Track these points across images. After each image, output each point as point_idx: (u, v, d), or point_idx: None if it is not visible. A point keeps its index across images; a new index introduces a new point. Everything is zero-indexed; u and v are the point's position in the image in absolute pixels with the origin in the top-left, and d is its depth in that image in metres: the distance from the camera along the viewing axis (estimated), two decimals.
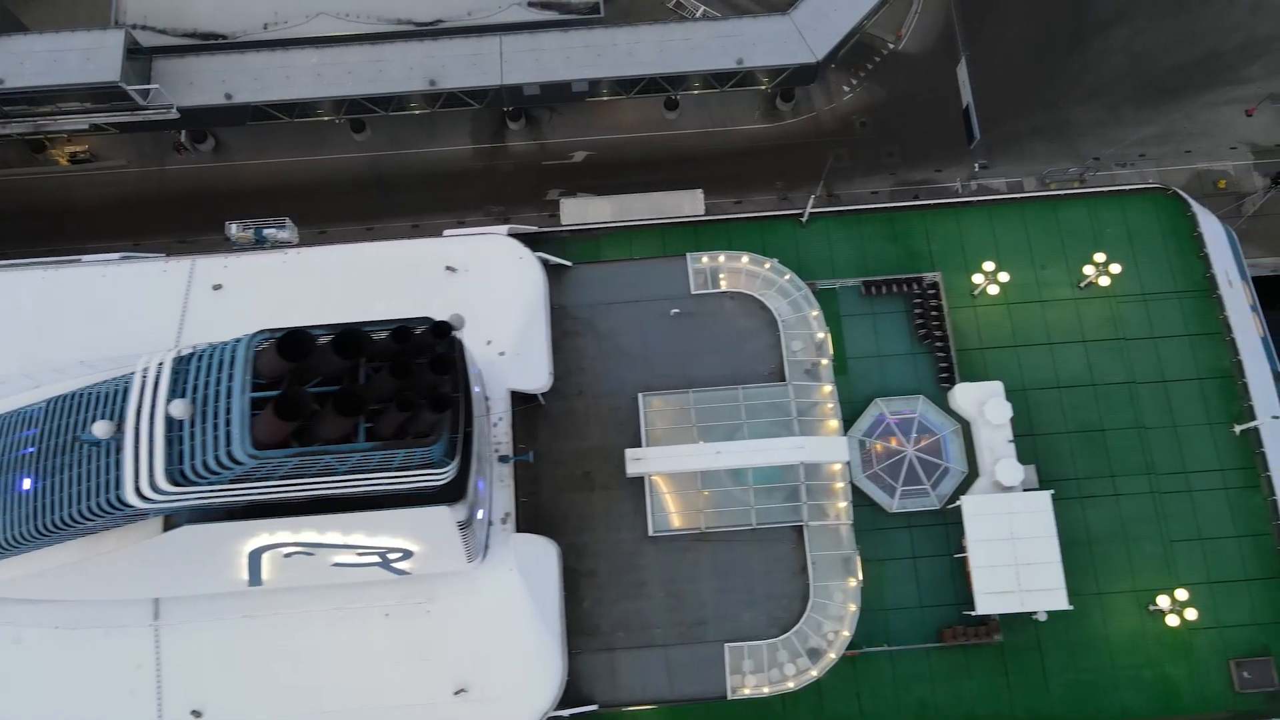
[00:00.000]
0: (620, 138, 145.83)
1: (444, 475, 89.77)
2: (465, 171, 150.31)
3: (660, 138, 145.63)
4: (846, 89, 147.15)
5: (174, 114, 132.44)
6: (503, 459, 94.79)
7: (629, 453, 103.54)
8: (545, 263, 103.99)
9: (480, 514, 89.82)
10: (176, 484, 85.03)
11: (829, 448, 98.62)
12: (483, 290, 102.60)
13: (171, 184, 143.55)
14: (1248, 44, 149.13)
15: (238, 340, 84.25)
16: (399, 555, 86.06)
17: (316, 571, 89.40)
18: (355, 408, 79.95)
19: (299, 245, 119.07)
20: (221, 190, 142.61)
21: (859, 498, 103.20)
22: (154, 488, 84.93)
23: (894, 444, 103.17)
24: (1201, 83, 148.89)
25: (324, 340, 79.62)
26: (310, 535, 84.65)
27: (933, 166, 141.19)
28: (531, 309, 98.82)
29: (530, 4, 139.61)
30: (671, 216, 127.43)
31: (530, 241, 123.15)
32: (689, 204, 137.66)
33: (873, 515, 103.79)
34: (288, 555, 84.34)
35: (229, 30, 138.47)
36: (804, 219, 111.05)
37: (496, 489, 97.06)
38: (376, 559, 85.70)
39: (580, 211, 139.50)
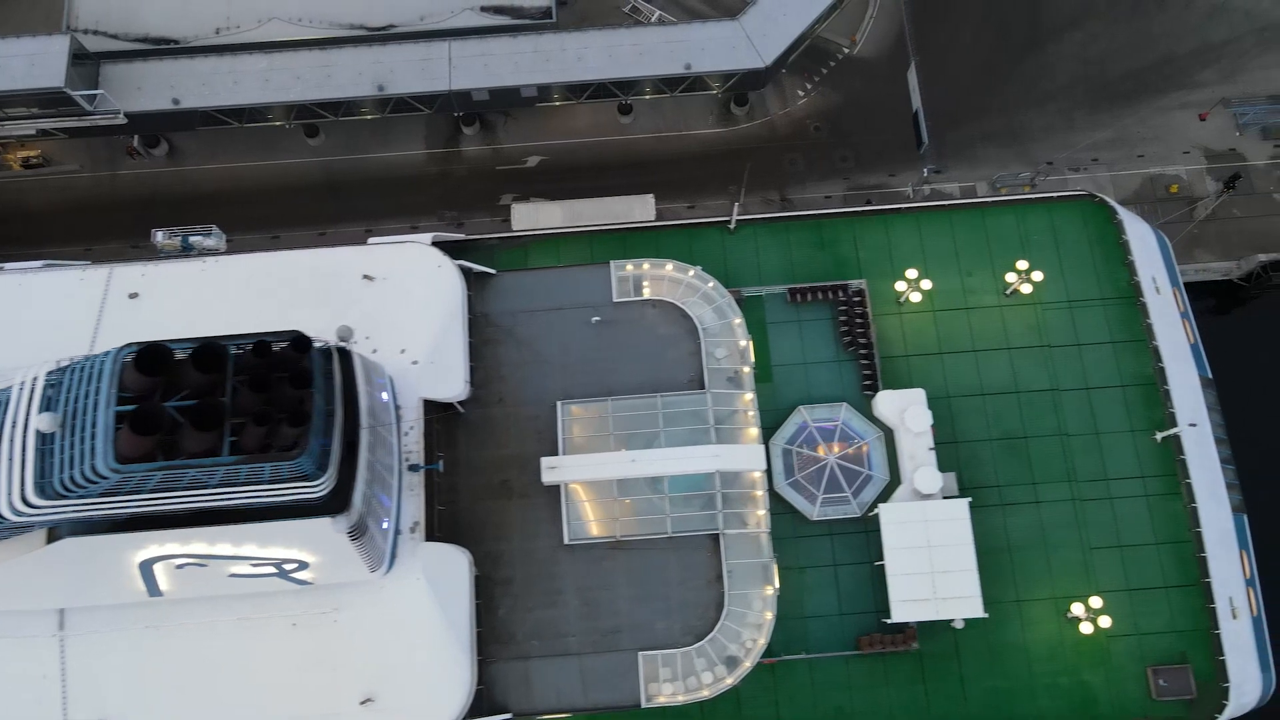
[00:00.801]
0: (574, 142, 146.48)
1: (318, 488, 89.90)
2: (419, 176, 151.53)
3: (614, 142, 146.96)
4: (801, 93, 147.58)
5: (121, 119, 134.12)
6: (413, 467, 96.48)
7: (544, 461, 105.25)
8: (468, 271, 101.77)
9: (385, 524, 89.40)
10: (46, 498, 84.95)
11: (745, 456, 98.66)
12: (399, 299, 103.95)
13: (124, 189, 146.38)
14: (1202, 48, 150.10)
15: (106, 354, 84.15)
16: (295, 566, 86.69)
17: (214, 582, 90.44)
18: (214, 422, 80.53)
19: (224, 252, 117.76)
20: (174, 195, 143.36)
21: (781, 505, 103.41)
22: (25, 501, 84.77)
23: (816, 452, 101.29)
24: (1155, 87, 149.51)
25: (184, 355, 78.71)
26: (200, 547, 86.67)
27: (886, 171, 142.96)
28: (448, 317, 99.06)
29: (483, 9, 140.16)
30: (622, 221, 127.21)
31: (457, 249, 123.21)
32: (639, 209, 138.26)
33: (794, 523, 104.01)
34: (180, 567, 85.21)
35: (181, 35, 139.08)
36: (732, 226, 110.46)
37: (406, 498, 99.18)
38: (273, 570, 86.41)
39: (531, 217, 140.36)
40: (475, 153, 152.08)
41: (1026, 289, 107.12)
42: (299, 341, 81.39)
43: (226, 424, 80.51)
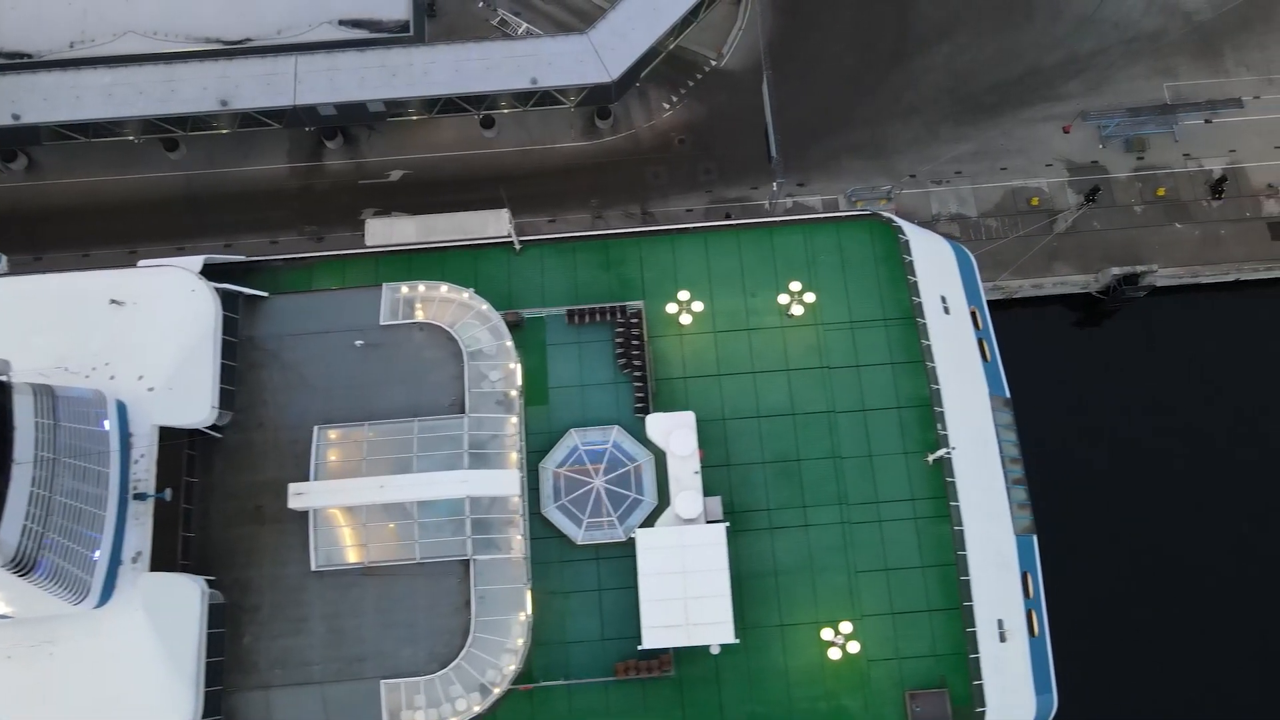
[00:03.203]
0: (438, 156, 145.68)
1: None
2: (280, 190, 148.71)
3: (478, 156, 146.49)
4: (667, 106, 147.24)
5: None
6: (138, 496, 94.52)
7: (292, 487, 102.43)
8: (237, 294, 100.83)
9: (96, 555, 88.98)
10: None
11: (497, 481, 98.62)
12: (145, 324, 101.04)
13: None
14: (1069, 60, 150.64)
15: None
16: None
17: None
18: None
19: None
20: (32, 210, 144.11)
21: (548, 529, 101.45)
22: None
23: (585, 475, 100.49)
24: (1020, 100, 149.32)
25: None
26: None
27: (749, 184, 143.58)
28: (197, 342, 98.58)
29: (341, 22, 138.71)
30: (475, 237, 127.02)
31: (241, 271, 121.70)
32: (494, 224, 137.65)
33: (561, 547, 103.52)
34: None
35: (35, 49, 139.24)
36: (517, 247, 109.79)
37: (131, 527, 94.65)
38: None
39: (384, 232, 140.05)
40: (338, 167, 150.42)
41: (798, 310, 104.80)
42: None
43: None
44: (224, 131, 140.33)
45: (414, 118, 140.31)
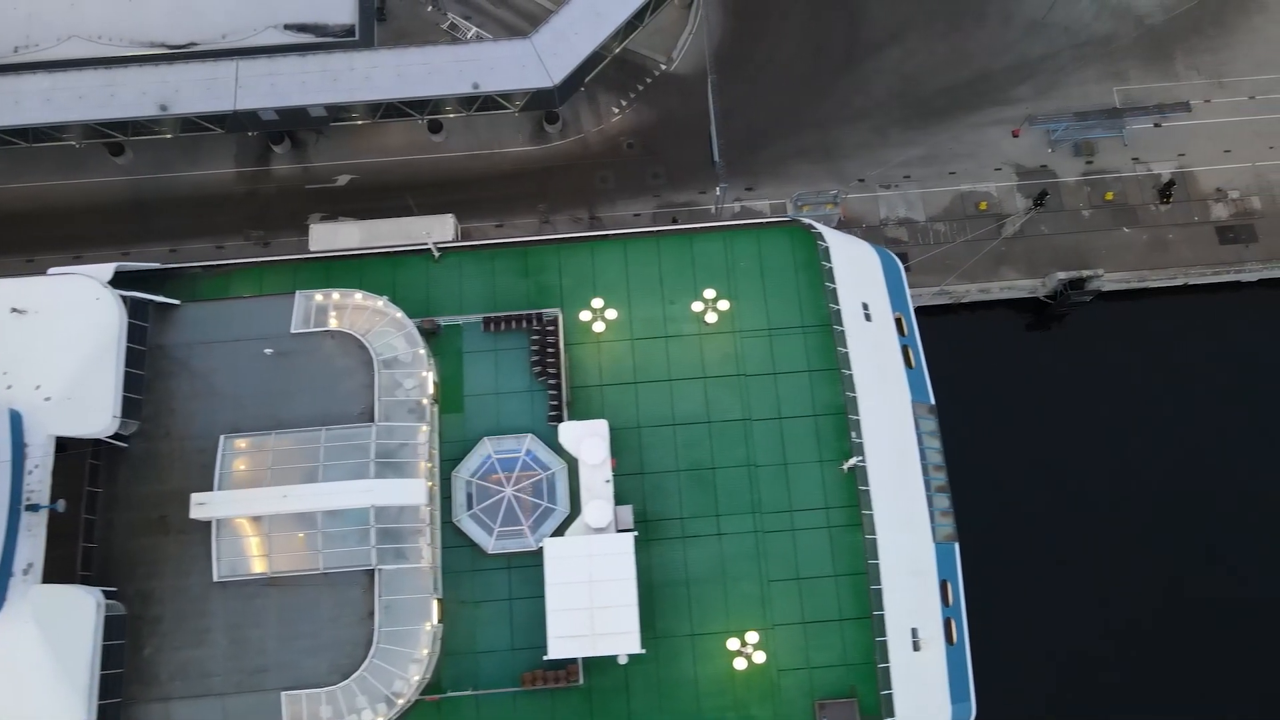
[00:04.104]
0: (386, 161, 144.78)
1: None
2: (228, 195, 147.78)
3: (426, 161, 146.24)
4: (616, 110, 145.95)
5: None
6: (30, 508, 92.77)
7: (194, 497, 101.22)
8: (145, 302, 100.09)
9: None
10: None
11: (403, 490, 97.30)
12: (46, 333, 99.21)
13: None
14: (1019, 64, 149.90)
15: None
16: None
17: None
18: None
19: None
20: None
21: (460, 538, 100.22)
22: None
23: (497, 483, 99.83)
24: (969, 104, 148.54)
25: None
26: None
27: (697, 189, 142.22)
28: (99, 351, 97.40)
29: (287, 27, 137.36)
30: (417, 242, 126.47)
31: (159, 279, 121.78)
32: (438, 229, 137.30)
33: (473, 556, 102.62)
34: None
35: None
36: (436, 255, 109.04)
37: (24, 538, 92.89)
38: None
39: (328, 238, 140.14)
40: (285, 171, 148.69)
41: (716, 317, 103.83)
42: None
43: None
44: (168, 136, 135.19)
45: (359, 122, 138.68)
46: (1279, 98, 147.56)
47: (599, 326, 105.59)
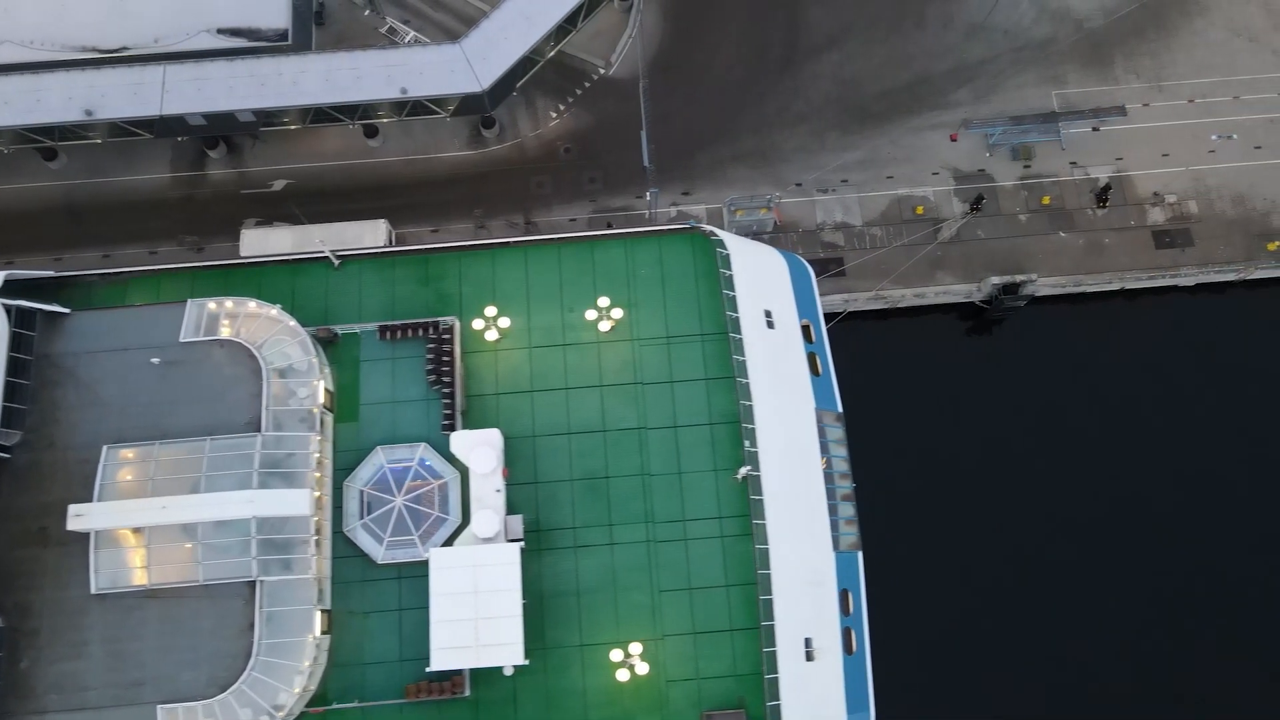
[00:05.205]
0: (322, 165, 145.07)
1: None
2: (162, 200, 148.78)
3: (362, 165, 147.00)
4: (554, 115, 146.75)
5: None
6: None
7: (72, 508, 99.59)
8: (33, 311, 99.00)
9: None
10: None
11: (285, 501, 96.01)
12: None
13: None
14: (958, 68, 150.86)
15: None
16: None
17: None
18: None
19: None
20: None
21: (351, 549, 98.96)
22: None
23: (388, 493, 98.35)
24: (909, 108, 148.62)
25: None
26: None
27: (633, 193, 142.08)
28: None
29: (220, 31, 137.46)
30: (352, 248, 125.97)
31: (54, 287, 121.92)
32: (370, 234, 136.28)
33: (363, 566, 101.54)
34: None
35: None
36: (335, 263, 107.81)
37: None
38: None
39: (260, 243, 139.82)
40: (221, 176, 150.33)
41: (615, 325, 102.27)
42: None
43: None
44: (98, 142, 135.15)
45: (290, 127, 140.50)
46: (1219, 101, 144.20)
47: (492, 335, 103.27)
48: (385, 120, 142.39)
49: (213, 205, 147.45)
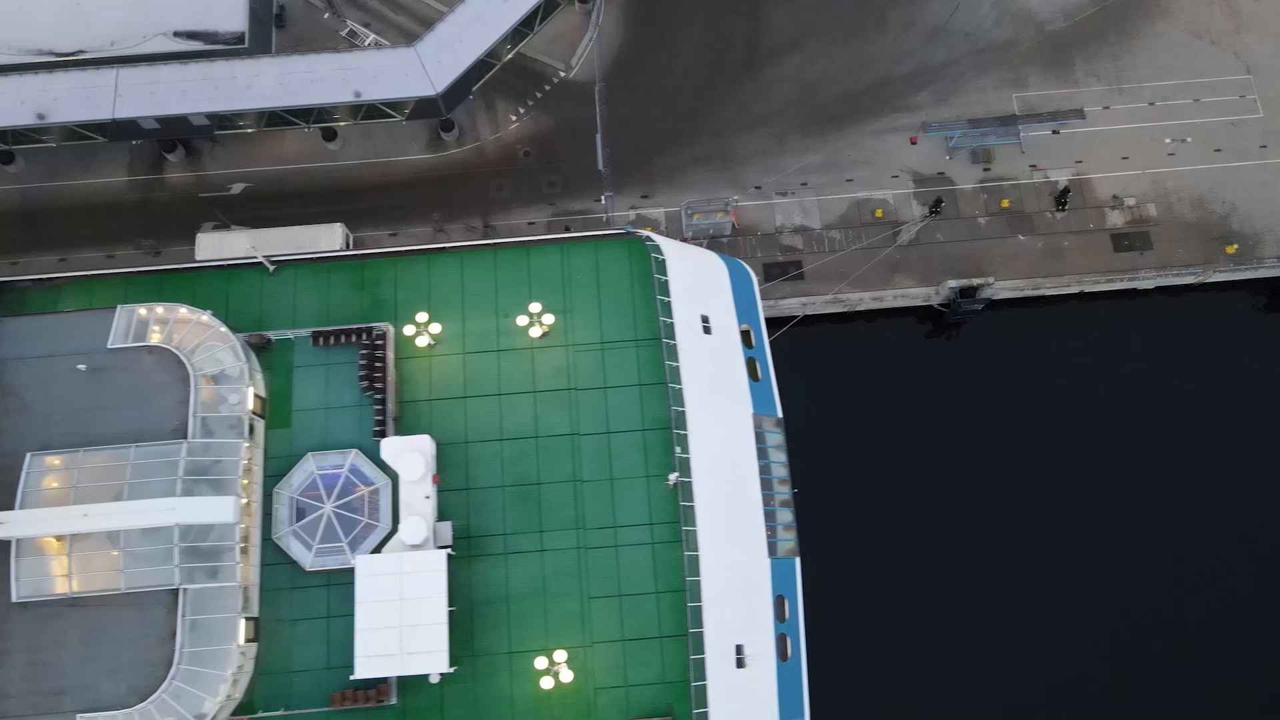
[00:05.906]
0: (281, 169, 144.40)
1: None
2: (120, 204, 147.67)
3: (321, 169, 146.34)
4: (514, 118, 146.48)
5: None
6: None
7: None
8: None
9: None
10: None
11: (209, 508, 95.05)
12: None
13: None
14: (919, 71, 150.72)
15: None
16: None
17: None
18: None
19: None
20: None
21: (280, 556, 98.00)
22: None
23: (317, 499, 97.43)
24: (869, 111, 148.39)
25: None
26: None
27: (592, 197, 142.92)
28: None
29: (176, 34, 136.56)
30: (310, 251, 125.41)
31: None
32: (326, 238, 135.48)
33: (292, 573, 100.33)
34: None
35: None
36: (270, 268, 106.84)
37: None
38: None
39: (215, 247, 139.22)
40: (179, 180, 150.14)
41: (549, 331, 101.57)
42: None
43: None
44: (53, 145, 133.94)
45: (247, 130, 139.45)
46: (1179, 104, 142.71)
47: (424, 340, 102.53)
48: (342, 124, 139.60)
49: (172, 209, 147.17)
